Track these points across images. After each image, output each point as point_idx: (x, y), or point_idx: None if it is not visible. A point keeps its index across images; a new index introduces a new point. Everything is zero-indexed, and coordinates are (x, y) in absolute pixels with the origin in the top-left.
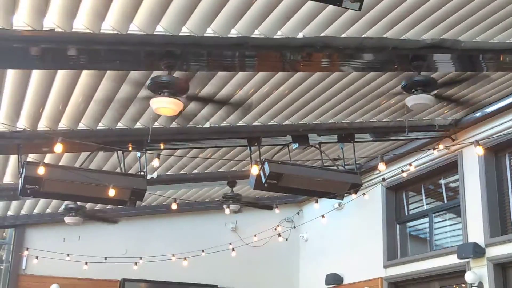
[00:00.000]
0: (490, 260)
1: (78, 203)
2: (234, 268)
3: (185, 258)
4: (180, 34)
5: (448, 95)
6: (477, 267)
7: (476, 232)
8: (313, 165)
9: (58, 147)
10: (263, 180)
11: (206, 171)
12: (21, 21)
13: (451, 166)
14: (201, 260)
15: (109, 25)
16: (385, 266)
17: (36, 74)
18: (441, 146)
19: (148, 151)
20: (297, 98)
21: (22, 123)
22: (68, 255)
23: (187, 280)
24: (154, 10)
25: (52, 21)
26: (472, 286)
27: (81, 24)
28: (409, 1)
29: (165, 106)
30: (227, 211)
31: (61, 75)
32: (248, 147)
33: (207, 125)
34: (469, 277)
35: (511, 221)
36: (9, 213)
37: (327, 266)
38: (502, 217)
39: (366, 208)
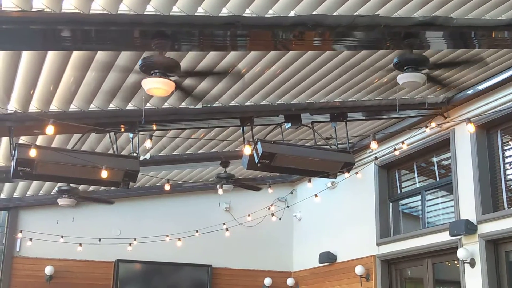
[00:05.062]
0: (482, 236)
1: (71, 185)
2: (228, 248)
3: (179, 239)
4: (171, 13)
5: (439, 73)
6: (469, 243)
7: (468, 209)
8: (306, 144)
9: (50, 129)
10: (256, 160)
11: (199, 152)
12: (10, 1)
13: (443, 144)
14: (195, 241)
15: (98, 5)
16: (378, 244)
17: (26, 56)
18: (433, 124)
19: (140, 132)
20: (290, 78)
21: (13, 105)
22: (62, 237)
23: (181, 260)
24: None
25: (41, 1)
26: (464, 263)
27: (71, 4)
28: None
29: (157, 86)
30: (220, 191)
31: (52, 56)
32: (241, 127)
33: (199, 106)
34: (461, 253)
35: (503, 198)
36: (2, 195)
37: (321, 244)
38: (494, 193)
39: (359, 187)
